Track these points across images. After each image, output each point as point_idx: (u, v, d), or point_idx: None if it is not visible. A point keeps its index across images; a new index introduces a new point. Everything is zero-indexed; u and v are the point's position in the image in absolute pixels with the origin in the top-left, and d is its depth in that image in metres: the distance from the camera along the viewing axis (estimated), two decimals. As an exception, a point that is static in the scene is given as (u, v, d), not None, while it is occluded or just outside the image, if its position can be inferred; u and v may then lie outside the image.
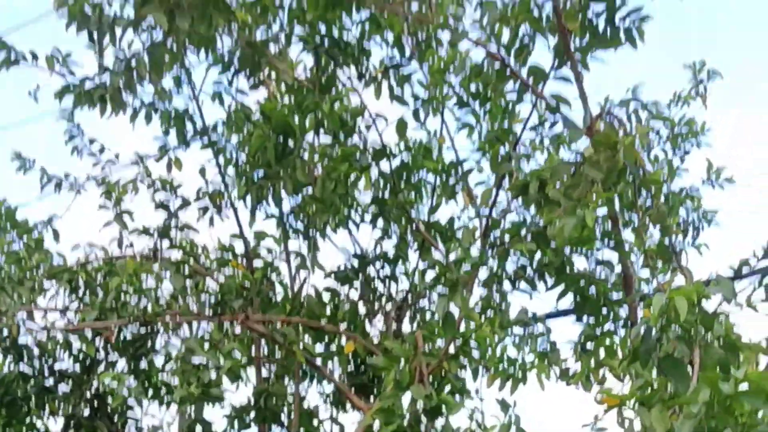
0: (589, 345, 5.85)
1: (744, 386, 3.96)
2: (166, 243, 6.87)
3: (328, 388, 7.48)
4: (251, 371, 7.30)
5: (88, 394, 7.28)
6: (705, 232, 7.02)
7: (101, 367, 7.31)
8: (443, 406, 5.82)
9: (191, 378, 6.22)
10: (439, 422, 5.95)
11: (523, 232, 5.47)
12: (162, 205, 6.94)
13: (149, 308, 6.51)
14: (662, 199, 5.34)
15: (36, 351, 7.21)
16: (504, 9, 5.29)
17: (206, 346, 6.45)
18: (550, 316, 6.58)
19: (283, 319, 6.44)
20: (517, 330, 6.45)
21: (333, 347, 6.79)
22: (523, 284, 5.68)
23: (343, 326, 6.59)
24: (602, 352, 5.78)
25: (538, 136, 6.19)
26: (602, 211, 5.42)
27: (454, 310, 5.75)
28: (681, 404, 3.96)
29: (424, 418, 5.88)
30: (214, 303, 6.61)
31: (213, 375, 6.21)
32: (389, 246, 6.59)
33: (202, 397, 6.19)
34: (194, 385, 6.16)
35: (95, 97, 5.64)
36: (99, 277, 6.77)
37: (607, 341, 5.81)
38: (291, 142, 6.09)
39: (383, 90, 6.11)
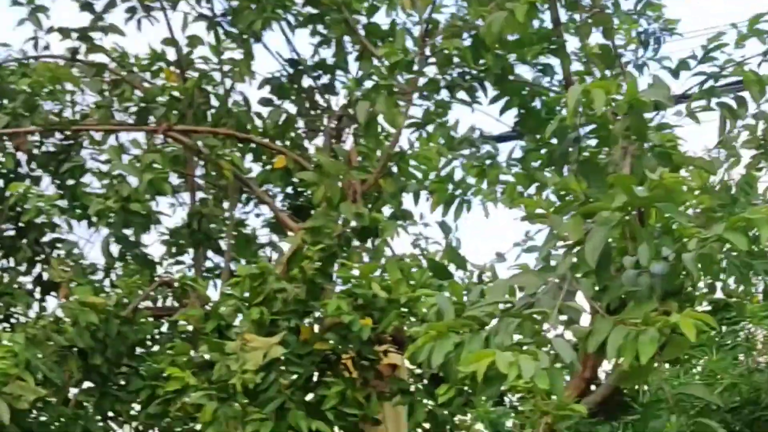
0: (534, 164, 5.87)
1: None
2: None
3: (269, 213, 7.60)
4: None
5: (12, 213, 7.36)
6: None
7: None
8: (377, 227, 5.90)
9: (109, 192, 6.32)
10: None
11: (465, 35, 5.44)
12: (86, 5, 6.90)
13: (67, 116, 6.56)
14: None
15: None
16: None
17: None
18: (498, 139, 6.62)
19: (208, 129, 6.47)
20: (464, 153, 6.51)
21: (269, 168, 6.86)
22: (462, 94, 5.67)
23: (278, 142, 6.65)
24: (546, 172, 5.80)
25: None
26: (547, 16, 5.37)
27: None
28: (595, 211, 3.99)
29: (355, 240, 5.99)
30: (137, 111, 6.65)
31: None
32: (328, 54, 6.59)
33: (122, 211, 6.28)
34: (113, 198, 6.24)
35: None
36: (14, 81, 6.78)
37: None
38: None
39: None
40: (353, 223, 5.83)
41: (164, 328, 7.18)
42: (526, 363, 3.66)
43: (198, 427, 5.56)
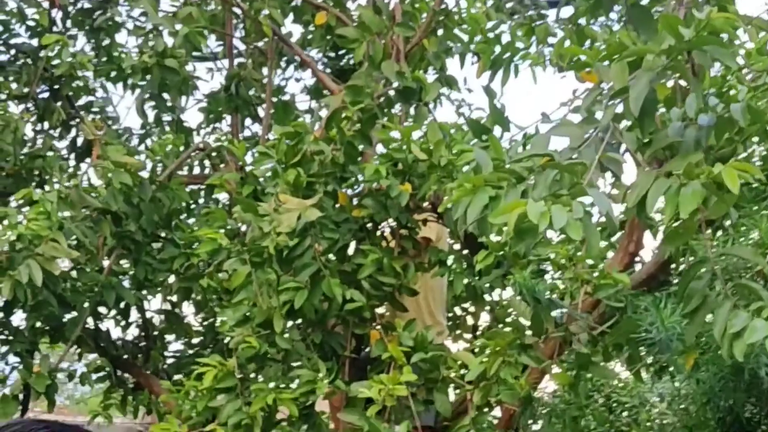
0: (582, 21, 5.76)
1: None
2: None
3: (309, 80, 7.59)
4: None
5: (46, 74, 7.37)
6: None
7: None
8: (420, 88, 5.81)
9: (145, 47, 6.31)
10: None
11: None
12: None
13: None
14: None
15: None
16: None
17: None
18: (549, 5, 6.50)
19: (247, -20, 6.43)
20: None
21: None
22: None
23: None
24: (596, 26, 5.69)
25: None
26: None
27: None
28: (642, 55, 3.92)
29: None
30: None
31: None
32: None
33: (157, 68, 6.27)
34: (147, 54, 6.25)
35: None
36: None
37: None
38: None
39: None
40: (395, 84, 5.76)
41: (200, 201, 7.25)
42: (558, 213, 3.58)
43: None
